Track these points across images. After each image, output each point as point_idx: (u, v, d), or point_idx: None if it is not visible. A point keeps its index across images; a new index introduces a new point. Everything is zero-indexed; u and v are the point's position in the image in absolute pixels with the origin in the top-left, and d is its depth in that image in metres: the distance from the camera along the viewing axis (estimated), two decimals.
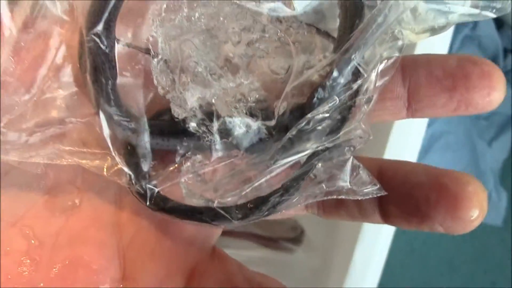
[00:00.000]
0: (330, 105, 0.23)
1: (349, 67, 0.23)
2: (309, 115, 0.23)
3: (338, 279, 0.55)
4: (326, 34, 0.25)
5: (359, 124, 0.24)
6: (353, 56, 0.23)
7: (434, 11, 0.24)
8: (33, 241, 0.25)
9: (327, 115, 0.23)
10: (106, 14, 0.22)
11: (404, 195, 0.26)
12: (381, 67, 0.24)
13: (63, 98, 0.24)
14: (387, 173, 0.27)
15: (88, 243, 0.26)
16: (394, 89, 0.26)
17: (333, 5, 0.24)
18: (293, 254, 0.67)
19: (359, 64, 0.23)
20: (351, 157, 0.24)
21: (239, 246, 0.65)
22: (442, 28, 0.25)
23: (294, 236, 0.67)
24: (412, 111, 0.27)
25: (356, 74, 0.24)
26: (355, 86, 0.23)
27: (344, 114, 0.24)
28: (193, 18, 0.24)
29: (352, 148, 0.24)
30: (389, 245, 0.54)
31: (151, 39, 0.24)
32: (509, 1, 0.24)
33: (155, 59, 0.24)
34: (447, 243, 1.11)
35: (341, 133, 0.24)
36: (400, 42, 0.25)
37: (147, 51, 0.24)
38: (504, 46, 1.07)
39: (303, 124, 0.23)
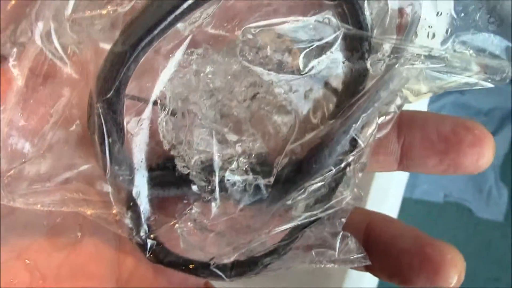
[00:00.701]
0: (325, 175, 0.24)
1: (347, 137, 0.24)
2: (305, 184, 0.24)
3: (338, 278, 0.55)
4: (332, 89, 0.26)
5: (352, 191, 0.25)
6: (352, 128, 0.23)
7: (434, 77, 0.24)
8: (36, 274, 0.26)
9: (321, 183, 0.24)
10: (117, 83, 0.22)
11: (388, 256, 0.27)
12: (379, 121, 0.25)
13: (68, 151, 0.24)
14: (375, 231, 0.28)
15: (88, 277, 0.27)
16: (388, 146, 0.27)
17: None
18: None
19: (357, 135, 0.24)
20: (341, 232, 0.25)
21: None
22: (439, 91, 0.25)
23: None
24: (403, 166, 0.28)
25: (354, 145, 0.24)
26: (351, 157, 0.24)
27: (338, 181, 0.25)
28: (202, 74, 0.24)
29: (343, 220, 0.25)
30: None
31: (159, 94, 0.24)
32: (509, 74, 0.24)
33: (162, 114, 0.24)
34: (449, 240, 1.10)
35: (333, 201, 0.25)
36: (399, 101, 0.25)
37: (154, 103, 0.25)
38: None
39: (299, 193, 0.24)
